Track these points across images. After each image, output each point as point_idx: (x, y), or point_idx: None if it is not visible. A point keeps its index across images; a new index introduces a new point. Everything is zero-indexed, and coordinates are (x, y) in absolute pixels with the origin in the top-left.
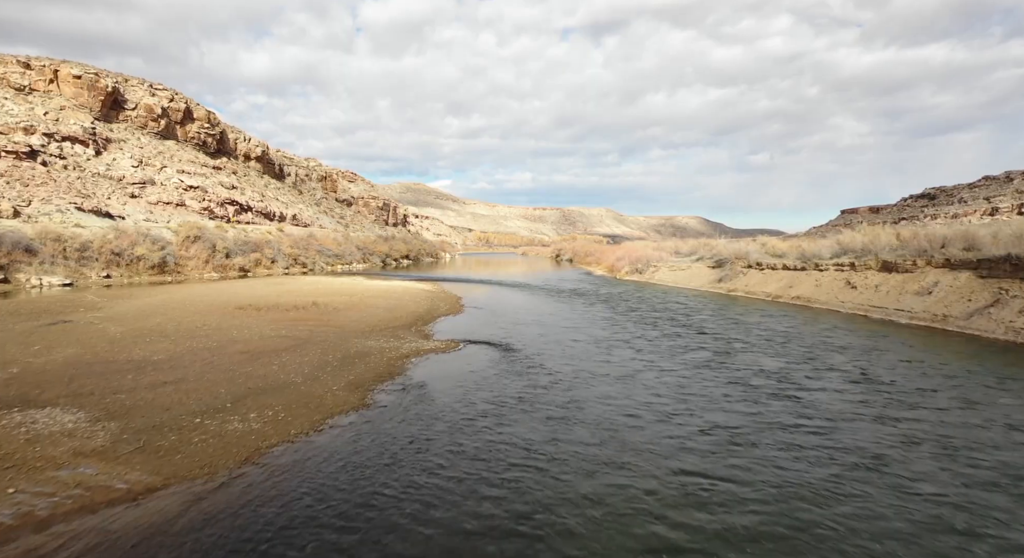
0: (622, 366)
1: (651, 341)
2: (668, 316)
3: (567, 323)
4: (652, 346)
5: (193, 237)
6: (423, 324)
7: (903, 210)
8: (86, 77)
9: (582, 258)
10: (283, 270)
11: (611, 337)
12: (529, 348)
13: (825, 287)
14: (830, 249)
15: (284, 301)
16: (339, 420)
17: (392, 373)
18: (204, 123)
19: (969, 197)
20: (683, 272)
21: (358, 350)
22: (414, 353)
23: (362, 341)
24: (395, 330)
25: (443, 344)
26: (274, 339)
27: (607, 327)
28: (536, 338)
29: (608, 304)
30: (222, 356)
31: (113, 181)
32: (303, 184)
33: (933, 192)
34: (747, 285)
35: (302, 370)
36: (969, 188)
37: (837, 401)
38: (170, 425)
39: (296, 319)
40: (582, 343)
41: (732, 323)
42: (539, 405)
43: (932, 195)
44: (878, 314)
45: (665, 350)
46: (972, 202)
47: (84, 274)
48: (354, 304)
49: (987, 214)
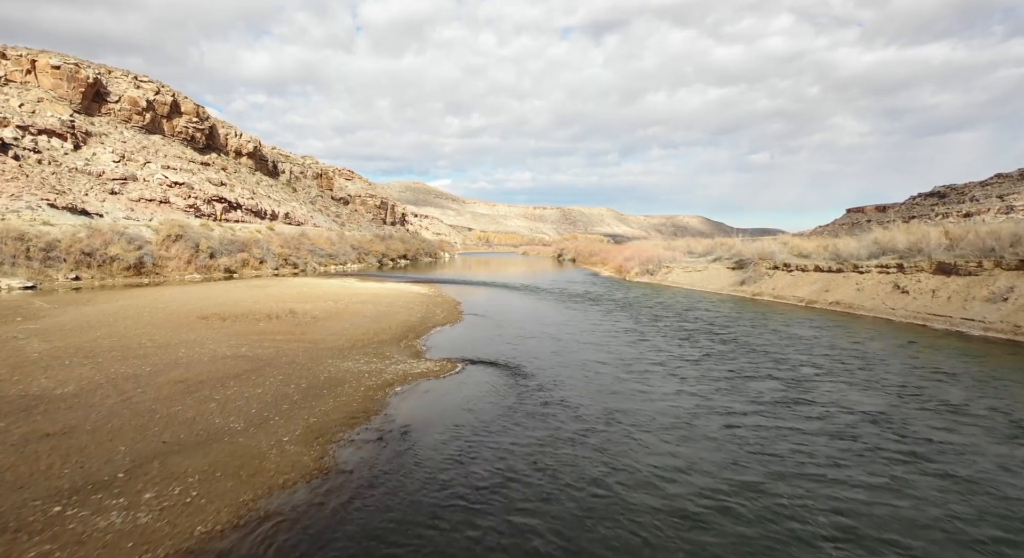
0: (670, 405)
1: (695, 364)
2: (702, 327)
3: (584, 336)
4: (699, 372)
5: (175, 236)
6: (415, 337)
7: (912, 209)
8: (65, 68)
9: (586, 258)
10: (272, 271)
11: (642, 357)
12: (543, 373)
13: (869, 291)
14: (866, 249)
15: (259, 308)
16: (278, 501)
17: (368, 411)
18: (192, 117)
19: (981, 195)
20: (699, 273)
21: (330, 376)
22: (400, 379)
23: (337, 362)
24: (381, 345)
25: (437, 365)
26: (228, 361)
27: (634, 342)
28: (550, 357)
29: (627, 311)
30: (149, 388)
31: (92, 177)
32: (298, 182)
33: (943, 190)
34: (774, 288)
35: (248, 409)
36: (981, 186)
37: (1004, 471)
38: (4, 521)
39: (264, 332)
40: (608, 366)
41: (782, 337)
42: (566, 478)
43: (942, 193)
44: (940, 324)
45: (718, 378)
46: (985, 200)
47: (50, 276)
48: (338, 312)
49: (1001, 213)
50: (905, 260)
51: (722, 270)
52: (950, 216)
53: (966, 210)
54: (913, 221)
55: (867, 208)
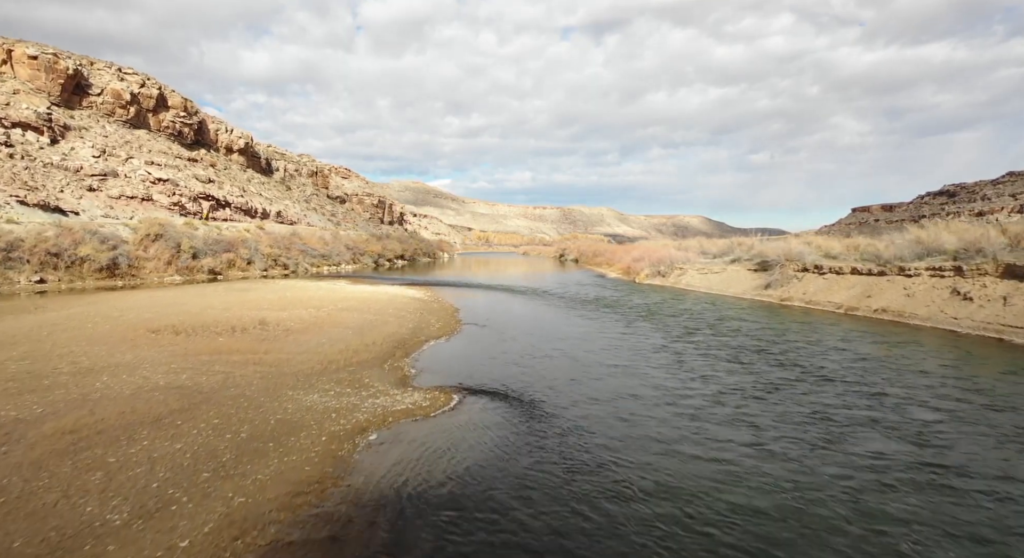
0: (754, 477)
1: (761, 402)
2: (747, 344)
3: (609, 356)
4: (772, 415)
5: (154, 235)
6: (403, 355)
7: (920, 208)
8: (43, 58)
9: (589, 258)
10: (261, 272)
11: (688, 389)
12: (564, 413)
13: (921, 297)
14: (908, 249)
15: (226, 317)
16: None
17: (324, 481)
18: (180, 111)
19: (993, 194)
20: (717, 276)
21: (284, 418)
22: (377, 421)
23: (300, 394)
24: (360, 368)
25: (427, 398)
26: (155, 396)
27: (672, 366)
28: (569, 388)
29: (651, 322)
30: (20, 443)
31: (69, 172)
32: (292, 180)
33: (952, 189)
34: (805, 293)
35: (147, 482)
36: (992, 185)
37: None
38: None
39: (220, 351)
40: (648, 404)
41: (850, 358)
42: None
43: (952, 192)
44: (1022, 338)
45: (802, 424)
46: (997, 199)
47: (10, 278)
48: (317, 322)
49: (1015, 212)
50: (963, 262)
51: (742, 272)
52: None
53: (978, 209)
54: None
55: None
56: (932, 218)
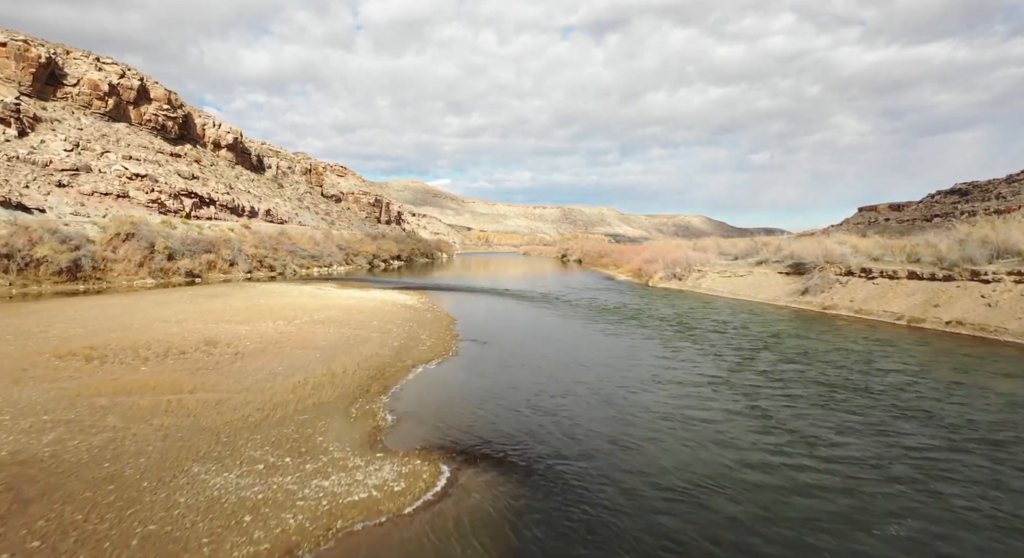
0: None
1: (931, 495)
2: (833, 376)
3: (654, 399)
4: (957, 522)
5: (125, 234)
6: (380, 390)
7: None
8: (12, 45)
9: (594, 259)
10: (244, 274)
11: (783, 455)
12: (614, 513)
13: (1007, 308)
14: (978, 250)
15: (168, 336)
16: None
17: None
18: (163, 104)
19: (1008, 192)
20: (742, 279)
21: (157, 530)
22: (316, 533)
23: (209, 472)
24: (315, 416)
25: (401, 476)
26: None
27: (743, 414)
28: (612, 459)
29: (692, 340)
30: None
31: (36, 167)
32: (285, 177)
33: (965, 187)
34: (853, 300)
35: None
36: (1007, 183)
37: None
38: None
39: (128, 390)
40: (732, 487)
41: (1001, 406)
42: None
43: (964, 191)
44: None
45: None
46: (1013, 197)
47: None
48: (281, 340)
49: None
50: None
51: (772, 275)
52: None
53: (995, 208)
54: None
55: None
56: (945, 217)
